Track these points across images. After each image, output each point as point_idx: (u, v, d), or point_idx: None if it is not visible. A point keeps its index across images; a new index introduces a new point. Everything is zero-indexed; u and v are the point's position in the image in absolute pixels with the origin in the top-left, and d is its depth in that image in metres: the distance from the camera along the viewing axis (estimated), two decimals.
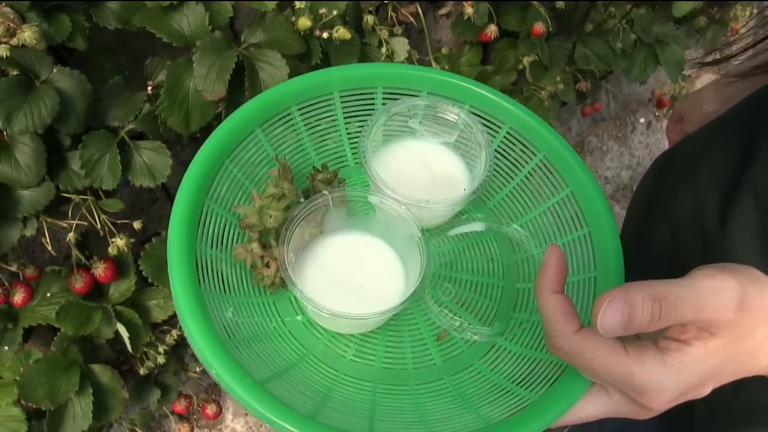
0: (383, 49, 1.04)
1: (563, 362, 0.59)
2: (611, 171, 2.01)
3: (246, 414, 1.60)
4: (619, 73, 1.50)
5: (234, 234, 0.67)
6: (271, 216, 0.66)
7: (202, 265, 0.61)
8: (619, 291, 0.47)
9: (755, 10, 1.39)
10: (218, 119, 0.91)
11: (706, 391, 0.51)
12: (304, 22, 0.91)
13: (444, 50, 1.22)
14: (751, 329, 0.48)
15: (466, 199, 0.66)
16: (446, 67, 1.20)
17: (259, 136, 0.71)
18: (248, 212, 0.66)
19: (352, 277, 0.65)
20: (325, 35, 0.93)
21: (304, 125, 0.74)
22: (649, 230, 0.82)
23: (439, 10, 1.26)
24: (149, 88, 0.90)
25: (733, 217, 0.63)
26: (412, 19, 1.07)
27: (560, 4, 1.23)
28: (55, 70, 0.80)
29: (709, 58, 0.85)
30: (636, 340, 0.51)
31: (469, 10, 1.15)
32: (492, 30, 1.20)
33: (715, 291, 0.46)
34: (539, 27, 1.21)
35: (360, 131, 0.74)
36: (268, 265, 0.65)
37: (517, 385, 0.61)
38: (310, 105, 0.74)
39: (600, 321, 0.46)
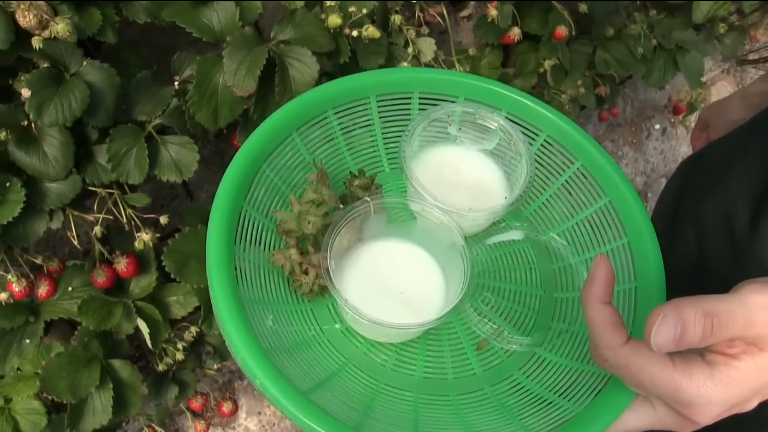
0: (410, 49, 1.03)
1: (606, 373, 0.58)
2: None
3: (259, 413, 1.59)
4: (636, 79, 1.49)
5: (271, 240, 0.66)
6: (309, 222, 0.64)
7: (240, 272, 0.60)
8: (670, 307, 0.46)
9: None
10: (246, 115, 0.90)
11: (752, 405, 0.50)
12: (335, 20, 0.90)
13: (471, 51, 1.21)
14: None
15: (506, 208, 0.65)
16: (467, 69, 1.19)
17: (296, 140, 0.69)
18: (287, 218, 0.65)
19: (392, 285, 0.64)
20: (354, 33, 0.92)
21: (341, 129, 0.73)
22: (674, 235, 0.81)
23: (460, 12, 1.25)
24: (176, 83, 0.89)
25: (765, 223, 0.63)
26: (439, 19, 1.05)
27: (582, 8, 1.22)
28: (84, 63, 0.79)
29: (752, 56, 0.84)
30: (681, 353, 0.50)
31: (493, 12, 1.14)
32: (515, 33, 1.19)
33: (765, 307, 0.46)
34: (562, 30, 1.20)
35: (397, 136, 0.73)
36: (306, 272, 0.64)
37: (559, 396, 0.60)
38: (347, 109, 0.73)
39: (653, 338, 0.46)
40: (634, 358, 0.49)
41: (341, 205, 0.65)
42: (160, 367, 1.10)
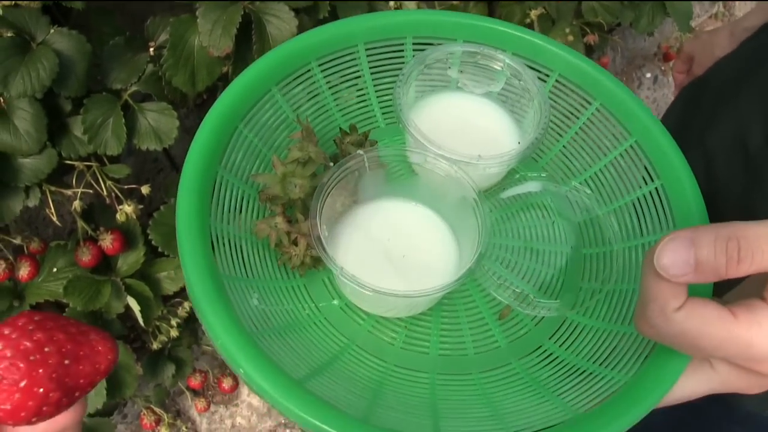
0: (392, 3, 0.91)
1: None
2: None
3: None
4: (624, 28, 1.37)
5: (254, 208, 0.54)
6: (296, 185, 0.53)
7: (218, 246, 0.48)
8: (684, 230, 0.36)
9: None
10: (225, 79, 0.80)
11: None
12: None
13: (455, 2, 1.09)
14: None
15: (521, 154, 0.53)
16: None
17: (276, 95, 0.57)
18: (269, 181, 0.53)
19: (395, 249, 0.52)
20: None
21: (327, 83, 0.61)
22: None
23: None
24: (151, 49, 0.79)
25: None
26: None
27: None
28: (52, 31, 0.72)
29: None
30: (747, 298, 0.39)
31: None
32: None
33: None
34: None
35: (390, 89, 0.61)
36: (295, 243, 0.52)
37: (600, 365, 0.48)
38: (332, 60, 0.60)
39: (657, 257, 0.36)
40: (689, 323, 0.37)
41: (331, 164, 0.53)
42: (155, 346, 1.01)
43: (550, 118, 0.56)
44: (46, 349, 0.33)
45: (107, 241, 0.87)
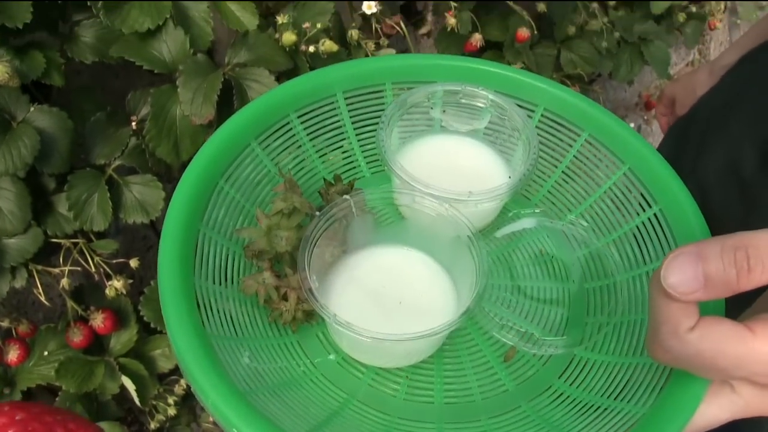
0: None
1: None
2: None
3: None
4: (604, 79, 1.39)
5: (240, 266, 0.52)
6: (282, 238, 0.50)
7: (204, 306, 0.45)
8: (689, 245, 0.34)
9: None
10: None
11: None
12: (289, 37, 0.78)
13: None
14: None
15: (513, 188, 0.51)
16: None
17: (256, 149, 0.55)
18: (254, 235, 0.51)
19: (390, 297, 0.50)
20: (311, 49, 0.79)
21: (307, 135, 0.59)
22: None
23: (419, 30, 1.13)
24: (134, 122, 0.79)
25: None
26: (398, 28, 0.93)
27: (541, 7, 1.11)
28: (32, 109, 0.72)
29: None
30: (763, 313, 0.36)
31: (451, 20, 1.02)
32: (477, 39, 1.06)
33: None
34: (523, 32, 1.08)
35: (373, 136, 0.59)
36: (285, 298, 0.49)
37: (615, 399, 0.45)
38: (312, 111, 0.59)
39: (664, 275, 0.34)
40: (706, 344, 0.35)
41: (317, 213, 0.50)
42: (153, 426, 0.98)
43: (539, 152, 0.55)
44: None
45: (98, 321, 0.85)
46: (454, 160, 0.58)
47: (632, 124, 1.91)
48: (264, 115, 0.56)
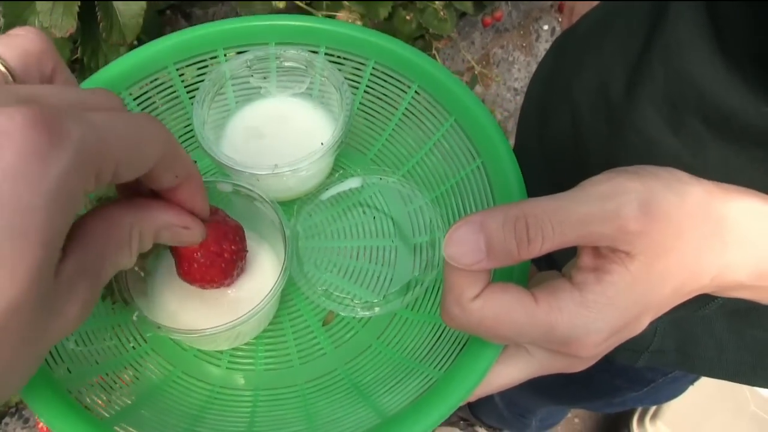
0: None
1: None
2: (519, 81, 1.80)
3: None
4: None
5: None
6: None
7: None
8: (474, 215, 0.34)
9: None
10: (76, 65, 0.74)
11: (643, 325, 0.37)
12: None
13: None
14: (672, 240, 0.34)
15: (328, 152, 0.51)
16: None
17: None
18: None
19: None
20: None
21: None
22: (547, 117, 0.69)
23: None
24: None
25: (641, 87, 0.51)
26: None
27: None
28: None
29: None
30: (545, 283, 0.37)
31: None
32: None
33: (604, 197, 0.33)
34: None
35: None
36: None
37: (420, 362, 0.47)
38: (145, 86, 0.56)
39: (444, 247, 0.34)
40: (486, 311, 0.35)
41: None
42: None
43: (361, 111, 0.54)
44: None
45: None
46: (280, 129, 0.57)
47: (546, 26, 1.85)
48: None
